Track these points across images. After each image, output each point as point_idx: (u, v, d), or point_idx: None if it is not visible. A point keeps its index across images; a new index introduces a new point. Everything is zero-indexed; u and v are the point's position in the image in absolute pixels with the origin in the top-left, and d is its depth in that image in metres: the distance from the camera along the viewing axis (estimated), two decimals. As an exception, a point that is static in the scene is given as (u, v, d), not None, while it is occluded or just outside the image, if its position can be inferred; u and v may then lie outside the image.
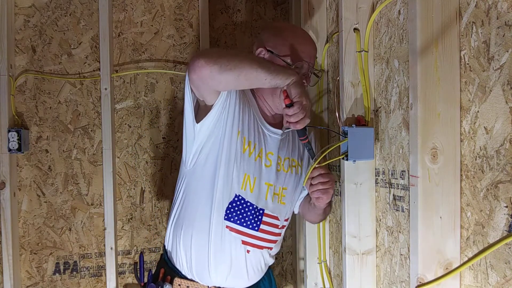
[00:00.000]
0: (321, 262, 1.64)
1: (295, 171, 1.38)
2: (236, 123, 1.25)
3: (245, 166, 1.26)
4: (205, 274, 1.30)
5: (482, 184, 0.82)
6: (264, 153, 1.30)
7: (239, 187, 1.26)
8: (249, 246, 1.30)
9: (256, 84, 1.17)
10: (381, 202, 1.23)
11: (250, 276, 1.34)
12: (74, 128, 1.80)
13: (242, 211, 1.27)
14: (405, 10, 1.06)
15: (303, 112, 1.12)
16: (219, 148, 1.25)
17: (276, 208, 1.33)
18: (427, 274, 0.91)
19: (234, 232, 1.28)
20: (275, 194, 1.32)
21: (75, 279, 1.81)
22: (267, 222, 1.31)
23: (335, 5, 1.50)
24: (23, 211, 1.76)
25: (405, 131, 1.07)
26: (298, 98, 1.12)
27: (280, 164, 1.33)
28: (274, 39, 1.30)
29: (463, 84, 0.89)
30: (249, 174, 1.27)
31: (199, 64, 1.10)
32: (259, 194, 1.29)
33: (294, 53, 1.28)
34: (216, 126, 1.24)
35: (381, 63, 1.21)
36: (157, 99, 1.86)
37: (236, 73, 1.10)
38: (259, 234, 1.30)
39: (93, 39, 1.80)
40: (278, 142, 1.33)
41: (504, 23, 0.75)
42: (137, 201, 1.85)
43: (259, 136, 1.30)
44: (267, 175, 1.30)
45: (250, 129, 1.28)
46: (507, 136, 0.75)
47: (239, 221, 1.27)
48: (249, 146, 1.27)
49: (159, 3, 1.85)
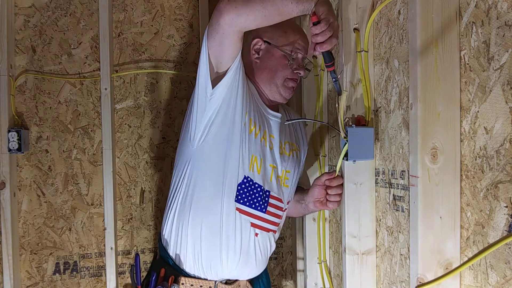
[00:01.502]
0: (321, 262, 1.64)
1: (296, 155, 1.41)
2: (244, 102, 1.26)
3: (252, 147, 1.28)
4: (215, 263, 1.28)
5: (482, 184, 0.82)
6: (268, 135, 1.33)
7: (247, 168, 1.27)
8: (258, 228, 1.31)
9: (283, 13, 1.13)
10: (381, 202, 1.23)
11: (258, 262, 1.34)
12: (74, 128, 1.80)
13: (251, 192, 1.29)
14: (405, 10, 1.06)
15: (330, 30, 1.08)
16: (229, 124, 1.25)
17: (280, 190, 1.35)
18: (427, 274, 0.91)
19: (244, 214, 1.28)
20: (279, 177, 1.35)
21: (75, 279, 1.81)
22: (273, 204, 1.33)
23: (335, 5, 1.50)
24: (23, 211, 1.76)
25: (405, 131, 1.07)
26: (325, 15, 1.08)
27: (282, 148, 1.36)
28: (271, 30, 1.33)
29: (463, 84, 0.89)
30: (256, 156, 1.28)
31: (222, 5, 1.12)
32: (265, 176, 1.31)
33: (291, 43, 1.32)
34: (227, 95, 1.23)
35: (381, 63, 1.21)
36: (157, 99, 1.86)
37: (259, 2, 1.10)
38: (267, 216, 1.32)
39: (93, 39, 1.80)
40: (278, 125, 1.36)
41: (504, 23, 0.75)
42: (137, 201, 1.85)
43: (261, 118, 1.33)
44: (271, 157, 1.32)
45: (255, 111, 1.30)
46: (507, 136, 0.75)
47: (248, 203, 1.28)
48: (255, 127, 1.29)
49: (159, 3, 1.85)
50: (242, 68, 1.26)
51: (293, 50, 1.33)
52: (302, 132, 1.53)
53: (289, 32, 1.34)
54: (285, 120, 1.40)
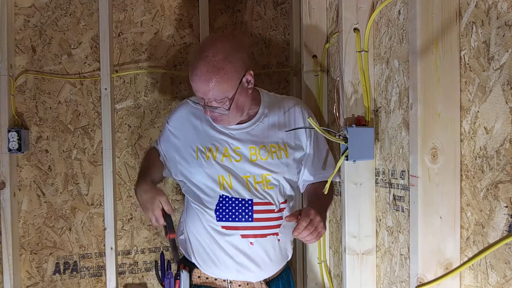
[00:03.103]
0: (321, 262, 1.64)
1: (277, 155, 1.37)
2: (188, 145, 1.37)
3: (214, 170, 1.33)
4: (217, 272, 1.35)
5: (482, 184, 0.82)
6: (231, 150, 1.34)
7: (219, 188, 1.33)
8: (251, 238, 1.32)
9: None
10: (381, 202, 1.23)
11: (264, 266, 1.35)
12: (74, 128, 1.80)
13: (230, 207, 1.32)
14: (405, 10, 1.06)
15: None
16: (187, 172, 1.38)
17: (264, 194, 1.34)
18: (427, 274, 0.91)
19: (231, 229, 1.32)
20: (258, 183, 1.34)
21: (75, 279, 1.81)
22: (259, 210, 1.33)
23: (335, 5, 1.50)
24: (23, 211, 1.76)
25: (405, 131, 1.07)
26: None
27: (255, 154, 1.35)
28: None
29: (463, 84, 0.89)
30: (222, 175, 1.33)
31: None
32: (241, 188, 1.32)
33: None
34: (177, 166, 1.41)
35: (381, 63, 1.21)
36: (157, 99, 1.86)
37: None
38: (255, 223, 1.32)
39: (93, 39, 1.80)
40: (244, 135, 1.36)
41: (504, 23, 0.75)
42: (137, 201, 1.85)
43: (219, 138, 1.36)
44: (241, 169, 1.34)
45: (206, 138, 1.36)
46: (507, 136, 0.75)
47: (230, 218, 1.32)
48: (210, 152, 1.35)
49: (159, 3, 1.85)
50: (168, 141, 1.43)
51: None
52: (292, 125, 1.41)
53: (190, 79, 1.29)
54: (258, 124, 1.37)
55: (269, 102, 1.43)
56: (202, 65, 1.22)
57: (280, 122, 1.40)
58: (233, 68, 1.24)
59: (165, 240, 1.83)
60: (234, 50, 1.26)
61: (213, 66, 1.21)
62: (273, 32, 1.94)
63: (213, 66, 1.21)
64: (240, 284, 1.36)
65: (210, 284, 1.36)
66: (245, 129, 1.37)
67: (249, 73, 1.28)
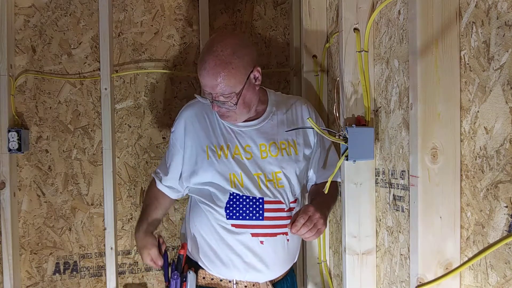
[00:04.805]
0: (321, 262, 1.64)
1: (287, 152, 1.37)
2: (198, 145, 1.35)
3: (225, 168, 1.32)
4: (224, 272, 1.34)
5: (482, 184, 0.82)
6: (241, 148, 1.34)
7: (229, 186, 1.31)
8: (261, 236, 1.31)
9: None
10: (381, 202, 1.23)
11: (272, 267, 1.34)
12: (74, 128, 1.80)
13: (241, 205, 1.31)
14: (405, 10, 1.06)
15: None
16: (197, 175, 1.37)
17: (275, 193, 1.34)
18: (427, 274, 0.91)
19: (241, 228, 1.30)
20: (269, 181, 1.34)
21: (75, 279, 1.81)
22: (270, 209, 1.32)
23: (335, 5, 1.50)
24: (23, 211, 1.76)
25: (405, 131, 1.07)
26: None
27: (265, 151, 1.35)
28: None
29: (463, 84, 0.89)
30: (233, 173, 1.32)
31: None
32: (252, 186, 1.32)
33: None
34: (189, 166, 1.38)
35: (381, 63, 1.21)
36: (157, 99, 1.86)
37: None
38: (266, 222, 1.31)
39: (93, 39, 1.80)
40: (254, 133, 1.36)
41: (504, 23, 0.75)
42: (137, 201, 1.85)
43: (229, 137, 1.35)
44: (252, 167, 1.33)
45: (216, 136, 1.35)
46: (507, 136, 0.75)
47: (241, 216, 1.30)
48: (222, 150, 1.34)
49: (159, 3, 1.85)
50: (181, 139, 1.41)
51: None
52: (299, 124, 1.43)
53: (199, 74, 1.29)
54: (267, 121, 1.38)
55: (276, 101, 1.44)
56: (211, 59, 1.23)
57: (288, 119, 1.41)
58: (241, 63, 1.25)
59: (168, 240, 1.83)
60: (243, 46, 1.27)
61: (221, 60, 1.22)
62: (273, 32, 1.94)
63: (222, 61, 1.22)
64: (246, 285, 1.35)
65: (215, 285, 1.35)
66: (255, 126, 1.37)
67: (256, 70, 1.29)
